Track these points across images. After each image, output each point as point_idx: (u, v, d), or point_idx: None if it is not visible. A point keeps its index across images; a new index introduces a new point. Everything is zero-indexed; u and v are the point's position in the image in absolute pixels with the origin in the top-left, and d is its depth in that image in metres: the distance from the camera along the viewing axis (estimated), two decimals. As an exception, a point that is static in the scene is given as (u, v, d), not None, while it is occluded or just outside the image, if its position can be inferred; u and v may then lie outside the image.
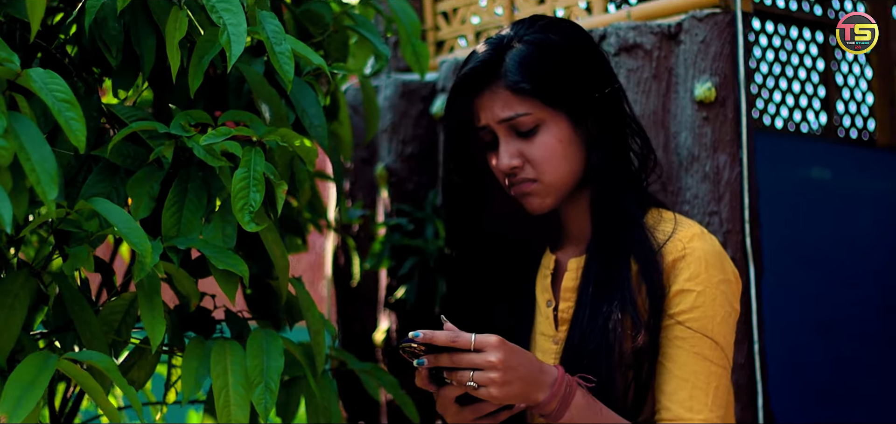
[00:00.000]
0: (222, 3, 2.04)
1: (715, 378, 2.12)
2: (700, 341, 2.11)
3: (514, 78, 2.16)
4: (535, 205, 2.20)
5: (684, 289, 2.12)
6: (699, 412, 2.10)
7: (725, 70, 2.60)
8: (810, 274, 4.80)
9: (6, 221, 1.73)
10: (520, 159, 2.18)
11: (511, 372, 2.01)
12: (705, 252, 2.14)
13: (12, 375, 1.86)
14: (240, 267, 2.09)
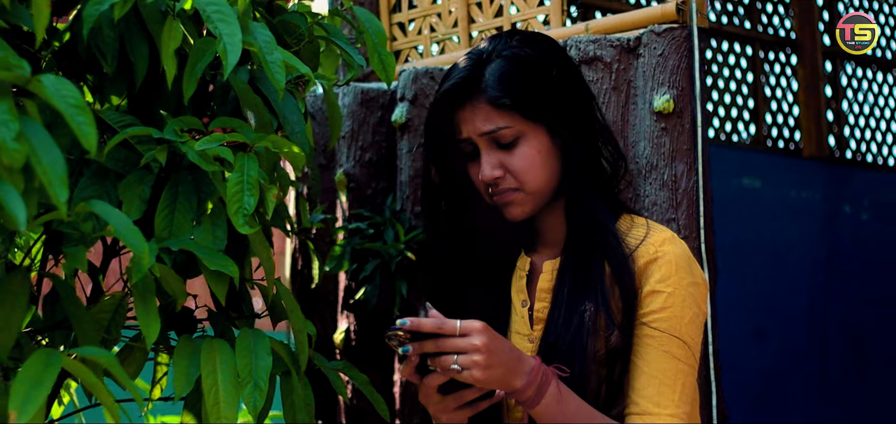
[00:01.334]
0: (218, 15, 2.12)
1: (682, 376, 2.22)
2: (669, 340, 2.22)
3: (495, 93, 2.27)
4: (517, 213, 2.31)
5: (655, 290, 2.24)
6: (666, 407, 2.21)
7: (682, 83, 2.72)
8: (741, 282, 4.96)
9: (21, 221, 1.79)
10: (501, 170, 2.28)
11: (493, 356, 2.11)
12: (676, 256, 2.26)
13: (19, 373, 1.90)
14: (230, 268, 2.16)
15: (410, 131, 3.19)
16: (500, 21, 3.20)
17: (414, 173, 3.17)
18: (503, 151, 2.28)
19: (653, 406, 2.21)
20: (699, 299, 2.28)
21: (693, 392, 2.26)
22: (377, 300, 3.13)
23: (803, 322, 5.55)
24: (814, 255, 5.64)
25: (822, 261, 5.67)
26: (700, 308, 2.28)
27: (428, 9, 3.37)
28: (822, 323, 5.60)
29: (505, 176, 2.29)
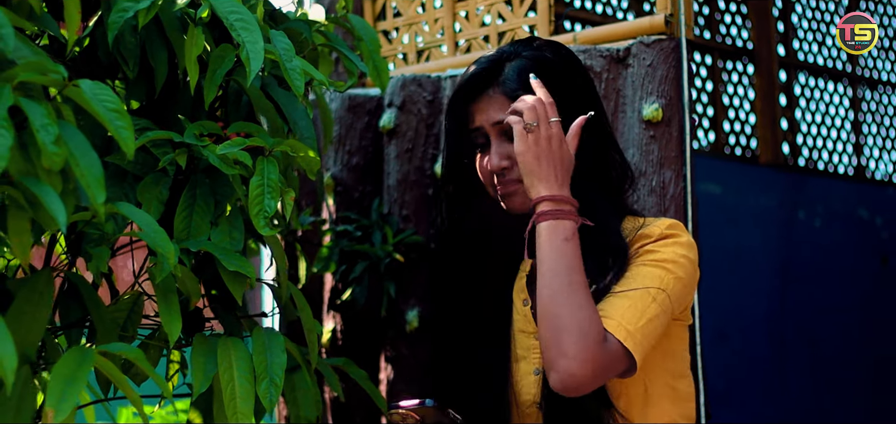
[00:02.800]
0: (241, 23, 2.20)
1: (651, 313, 2.25)
2: (651, 280, 2.28)
3: (512, 85, 2.37)
4: (517, 204, 2.39)
5: (650, 248, 2.31)
6: (628, 324, 2.23)
7: (671, 92, 2.83)
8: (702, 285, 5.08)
9: (61, 222, 1.85)
10: (508, 161, 2.37)
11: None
12: (684, 236, 2.34)
13: (54, 371, 1.95)
14: (248, 269, 2.24)
15: (398, 136, 3.27)
16: (487, 30, 3.29)
17: (401, 177, 3.25)
18: (512, 144, 2.37)
19: (618, 318, 2.24)
20: (690, 275, 2.34)
21: (657, 335, 2.29)
22: (365, 301, 3.21)
23: (762, 326, 5.69)
24: (771, 260, 5.78)
25: (778, 266, 5.81)
26: (688, 281, 2.34)
27: (413, 17, 3.45)
28: (780, 327, 5.74)
29: (512, 167, 2.38)
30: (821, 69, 6.28)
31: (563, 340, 2.19)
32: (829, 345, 5.93)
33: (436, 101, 3.25)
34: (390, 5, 3.54)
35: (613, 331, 2.22)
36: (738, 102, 5.91)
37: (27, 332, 2.06)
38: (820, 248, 5.97)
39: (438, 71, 3.30)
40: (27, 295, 2.09)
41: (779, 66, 5.99)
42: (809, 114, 6.23)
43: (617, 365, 2.23)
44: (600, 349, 2.19)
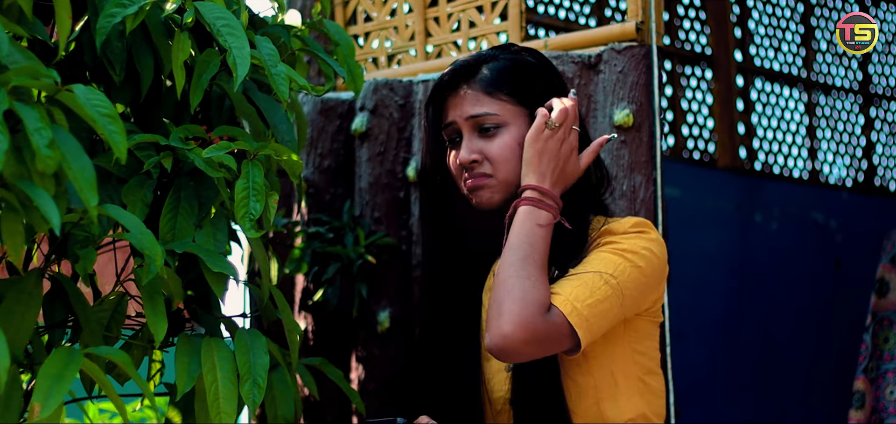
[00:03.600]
0: (227, 28, 2.24)
1: (602, 295, 2.29)
2: (606, 266, 2.32)
3: (489, 79, 2.44)
4: (485, 198, 2.44)
5: (617, 239, 2.36)
6: (575, 301, 2.27)
7: (641, 98, 2.89)
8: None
9: (55, 224, 1.88)
10: (479, 155, 2.43)
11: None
12: (651, 233, 2.39)
13: (42, 369, 1.99)
14: (231, 270, 2.28)
15: (370, 140, 3.31)
16: (458, 36, 3.34)
17: (373, 180, 3.29)
18: (484, 139, 2.43)
19: (567, 295, 2.28)
20: (655, 269, 2.38)
21: (607, 321, 2.32)
22: (337, 301, 3.25)
23: (719, 328, 5.77)
24: (728, 262, 5.86)
25: (736, 268, 5.89)
26: (650, 270, 2.37)
27: (384, 22, 3.49)
28: (737, 329, 5.82)
29: (482, 162, 2.43)
30: (777, 75, 6.38)
31: (504, 304, 2.25)
32: (786, 347, 6.02)
33: (407, 105, 3.29)
34: (361, 10, 3.58)
35: (559, 305, 2.26)
36: (696, 106, 6.00)
37: (16, 332, 2.09)
38: (776, 251, 6.06)
39: (409, 75, 3.35)
40: (16, 296, 2.13)
41: (736, 71, 6.08)
42: (766, 118, 6.32)
43: (560, 339, 2.27)
44: (540, 318, 2.23)
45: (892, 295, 4.97)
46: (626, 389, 2.42)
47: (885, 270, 5.00)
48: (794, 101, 6.51)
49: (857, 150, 6.75)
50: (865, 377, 4.92)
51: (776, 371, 5.98)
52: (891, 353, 4.92)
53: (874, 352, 4.94)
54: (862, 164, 6.76)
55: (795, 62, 6.51)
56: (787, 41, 6.45)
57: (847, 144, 6.73)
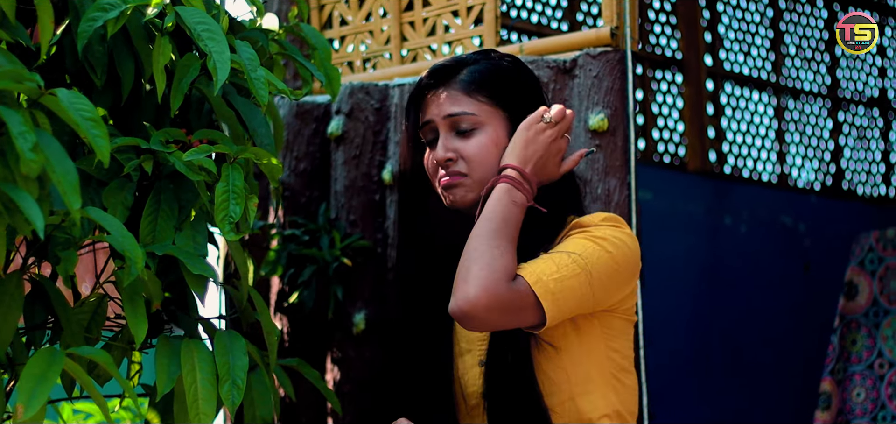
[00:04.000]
0: (207, 33, 2.26)
1: (569, 272, 2.31)
2: (576, 247, 2.34)
3: (468, 80, 2.47)
4: (459, 196, 2.46)
5: (589, 228, 2.39)
6: (541, 274, 2.29)
7: (616, 103, 2.93)
8: (634, 288, 5.20)
9: (39, 227, 1.89)
10: (455, 154, 2.45)
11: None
12: (623, 227, 2.41)
13: (25, 370, 2.00)
14: (210, 273, 2.30)
15: (346, 143, 3.34)
16: (434, 40, 3.37)
17: (349, 183, 3.32)
18: (460, 138, 2.46)
19: (532, 267, 2.31)
20: (624, 252, 2.39)
21: (575, 301, 2.33)
22: (313, 303, 3.27)
23: (688, 330, 5.82)
24: (698, 265, 5.91)
25: (705, 271, 5.94)
26: (621, 258, 2.38)
27: (360, 26, 3.52)
28: (706, 332, 5.87)
29: (457, 160, 2.46)
30: (746, 79, 6.44)
31: (471, 270, 2.28)
32: (753, 350, 6.07)
33: (383, 108, 3.32)
34: (336, 15, 3.60)
35: (525, 276, 2.28)
36: (667, 110, 6.06)
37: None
38: (745, 254, 6.12)
39: (385, 79, 3.37)
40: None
41: (706, 75, 6.14)
42: (735, 122, 6.39)
43: (524, 310, 2.28)
44: (504, 285, 2.26)
45: (860, 298, 5.02)
46: (600, 385, 2.45)
47: (853, 273, 5.06)
48: (764, 105, 6.58)
49: (826, 154, 6.83)
50: (832, 378, 4.97)
51: (744, 373, 6.04)
52: (858, 355, 4.98)
53: (841, 354, 5.00)
54: (830, 167, 6.83)
55: (765, 67, 6.57)
56: (756, 46, 6.51)
57: (815, 148, 6.80)
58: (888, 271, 4.98)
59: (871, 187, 7.02)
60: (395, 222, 3.22)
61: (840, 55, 6.91)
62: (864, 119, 7.07)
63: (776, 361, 6.16)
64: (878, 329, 4.93)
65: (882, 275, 4.98)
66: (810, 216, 6.54)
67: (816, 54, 6.82)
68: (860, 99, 7.01)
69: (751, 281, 6.06)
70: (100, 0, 2.26)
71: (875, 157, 7.08)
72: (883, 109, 7.13)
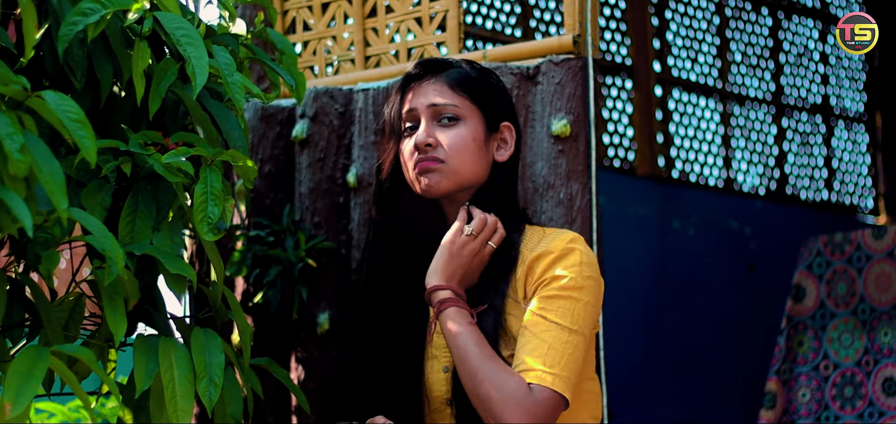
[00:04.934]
0: (186, 38, 2.32)
1: (571, 348, 2.43)
2: (563, 316, 2.45)
3: (454, 76, 2.59)
4: (434, 182, 2.56)
5: (560, 274, 2.48)
6: (553, 369, 2.40)
7: (578, 109, 3.01)
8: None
9: (28, 226, 1.94)
10: (434, 141, 2.56)
11: None
12: (584, 252, 2.52)
13: (11, 368, 2.04)
14: (188, 272, 2.35)
15: (310, 146, 3.39)
16: (397, 46, 3.43)
17: (313, 186, 3.37)
18: (441, 128, 2.58)
19: (541, 367, 2.41)
20: (596, 293, 2.54)
21: (580, 365, 2.47)
22: (278, 304, 3.33)
23: (638, 332, 5.90)
24: (648, 268, 6.00)
25: (654, 274, 6.04)
26: (595, 300, 2.53)
27: (323, 32, 3.58)
28: (656, 333, 5.97)
29: (436, 147, 2.56)
30: (693, 85, 6.55)
31: (494, 410, 2.38)
32: (701, 350, 6.18)
33: (347, 113, 3.38)
34: (300, 20, 3.66)
35: (539, 381, 2.38)
36: (617, 115, 6.15)
37: (-21, 331, 2.15)
38: (693, 257, 6.22)
39: (348, 84, 3.43)
40: (-20, 296, 2.18)
41: (655, 81, 6.24)
42: (683, 128, 6.50)
43: (553, 408, 2.40)
44: (528, 401, 2.37)
45: (807, 301, 5.14)
46: None
47: (801, 276, 5.17)
48: (710, 110, 6.70)
49: (770, 159, 6.95)
50: (778, 378, 5.08)
51: (693, 375, 6.14)
52: (804, 357, 5.09)
53: (788, 355, 5.11)
54: (774, 173, 6.96)
55: (711, 73, 6.69)
56: (703, 52, 6.63)
57: (760, 154, 6.92)
58: (835, 275, 5.09)
59: (814, 193, 7.15)
60: (360, 224, 3.28)
61: (784, 62, 7.04)
62: (807, 125, 7.20)
63: (723, 361, 6.27)
64: (825, 332, 5.05)
65: (829, 279, 5.10)
66: (755, 220, 6.66)
67: (761, 61, 6.95)
68: (803, 105, 7.15)
69: (699, 283, 6.17)
70: (80, 4, 2.31)
71: (817, 162, 7.22)
72: (825, 116, 7.26)
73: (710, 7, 6.69)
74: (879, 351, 4.91)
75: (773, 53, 6.98)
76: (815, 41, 7.22)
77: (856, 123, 7.46)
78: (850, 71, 7.42)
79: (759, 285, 6.46)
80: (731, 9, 6.76)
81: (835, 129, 7.32)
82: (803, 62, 7.15)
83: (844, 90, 7.40)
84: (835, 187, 7.26)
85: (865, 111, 7.50)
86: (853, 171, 7.40)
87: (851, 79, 7.44)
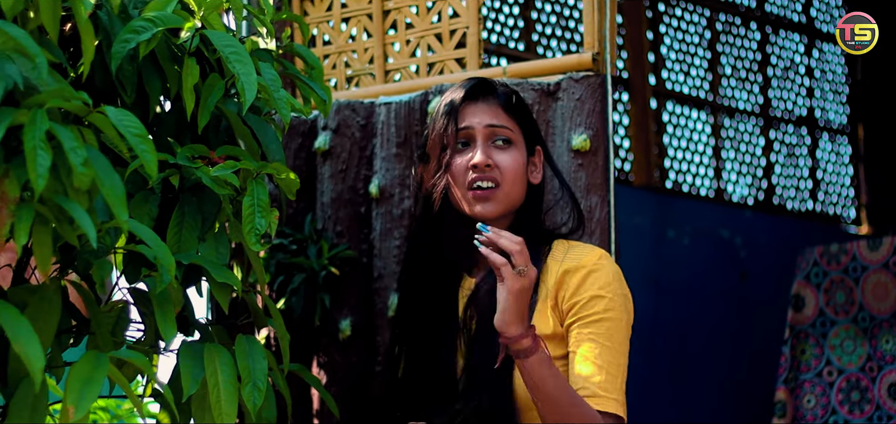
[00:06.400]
0: (235, 56, 2.41)
1: (622, 370, 2.62)
2: (611, 337, 2.61)
3: (505, 99, 2.70)
4: (488, 210, 2.67)
5: (598, 295, 2.61)
6: (612, 394, 2.58)
7: (597, 124, 3.11)
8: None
9: (92, 237, 2.03)
10: (492, 162, 2.66)
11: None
12: (613, 269, 2.65)
13: (72, 373, 2.12)
14: (234, 281, 2.44)
15: (332, 158, 3.48)
16: (417, 61, 3.53)
17: (335, 196, 3.46)
18: (496, 150, 2.68)
19: (603, 392, 2.57)
20: (629, 308, 2.70)
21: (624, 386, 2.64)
22: (302, 310, 3.42)
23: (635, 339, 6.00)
24: (644, 276, 6.11)
25: (650, 282, 6.15)
26: (629, 317, 2.69)
27: (343, 46, 3.67)
28: (651, 339, 6.07)
29: (493, 169, 2.66)
30: (686, 98, 6.68)
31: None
32: (696, 356, 6.28)
33: (368, 125, 3.47)
34: (320, 34, 3.75)
35: (613, 410, 2.57)
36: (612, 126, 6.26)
37: (40, 337, 2.22)
38: (687, 265, 6.33)
39: (368, 97, 3.52)
40: (38, 303, 2.25)
41: (650, 94, 6.36)
42: (676, 139, 6.62)
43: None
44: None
45: (807, 310, 5.26)
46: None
47: (800, 286, 5.29)
48: (702, 122, 6.82)
49: (758, 170, 7.07)
50: (786, 387, 5.21)
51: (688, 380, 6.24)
52: (807, 364, 5.21)
53: (793, 364, 5.23)
54: (762, 183, 7.08)
55: (703, 86, 6.81)
56: (695, 66, 6.75)
57: (749, 165, 7.05)
58: (833, 284, 5.22)
59: (800, 203, 7.28)
60: (382, 234, 3.37)
61: (771, 76, 7.17)
62: (794, 137, 7.33)
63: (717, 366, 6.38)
64: (826, 339, 5.17)
65: (827, 288, 5.22)
66: (745, 229, 6.78)
67: (750, 75, 7.07)
68: (790, 118, 7.28)
69: (692, 290, 6.28)
70: (132, 23, 2.39)
71: (803, 173, 7.35)
72: (810, 128, 7.39)
73: (701, 21, 6.82)
74: (882, 358, 5.03)
75: (761, 66, 7.11)
76: (800, 55, 7.36)
77: (839, 135, 7.59)
78: (833, 84, 7.56)
79: (750, 292, 6.57)
80: (721, 23, 6.89)
81: (819, 141, 7.45)
82: (789, 76, 7.28)
83: (828, 103, 7.53)
84: (819, 198, 7.39)
85: (848, 123, 7.63)
86: (837, 182, 7.54)
87: (835, 92, 7.58)
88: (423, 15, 3.53)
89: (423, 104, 3.35)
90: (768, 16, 7.11)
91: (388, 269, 3.37)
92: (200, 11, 2.45)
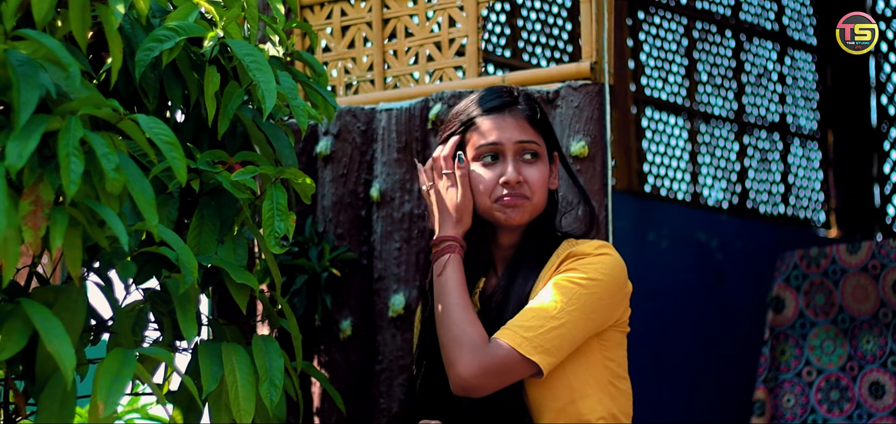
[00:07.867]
0: (255, 64, 2.48)
1: (556, 323, 2.65)
2: (563, 295, 2.67)
3: (529, 112, 2.79)
4: (516, 217, 2.77)
5: (581, 264, 2.72)
6: (526, 332, 2.64)
7: (595, 132, 3.20)
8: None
9: (123, 240, 2.10)
10: (523, 179, 2.75)
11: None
12: (613, 256, 2.77)
13: (101, 369, 2.19)
14: (252, 282, 2.52)
15: (333, 162, 3.56)
16: (416, 68, 3.61)
17: (336, 199, 3.54)
18: (525, 164, 2.78)
19: (516, 325, 2.65)
20: (612, 291, 2.77)
21: (567, 345, 2.66)
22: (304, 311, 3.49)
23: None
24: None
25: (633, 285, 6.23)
26: (609, 297, 2.76)
27: (343, 53, 3.74)
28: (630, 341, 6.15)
29: (523, 184, 2.75)
30: (664, 104, 6.79)
31: (450, 353, 2.66)
32: (673, 356, 6.39)
33: (369, 130, 3.55)
34: (319, 41, 3.82)
35: (508, 339, 2.62)
36: (601, 133, 6.38)
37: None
38: (665, 268, 6.43)
39: (369, 104, 3.60)
40: (64, 303, 2.32)
41: (631, 100, 6.47)
42: (654, 145, 6.73)
43: (509, 365, 2.62)
44: (484, 355, 2.62)
45: (787, 312, 5.38)
46: (597, 391, 2.74)
47: (780, 289, 5.41)
48: (679, 128, 6.93)
49: (732, 174, 7.19)
50: (765, 386, 5.32)
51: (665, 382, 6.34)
52: (787, 365, 5.33)
53: (772, 364, 5.34)
54: (736, 188, 7.20)
55: (680, 92, 6.93)
56: (672, 73, 6.86)
57: (724, 170, 7.16)
58: (813, 286, 5.33)
59: (772, 207, 7.40)
60: (382, 236, 3.45)
61: (745, 82, 7.29)
62: (766, 143, 7.45)
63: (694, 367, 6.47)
64: (806, 340, 5.29)
65: (807, 290, 5.33)
66: (721, 232, 6.89)
67: (725, 81, 7.19)
68: (763, 124, 7.39)
69: (670, 293, 6.37)
70: (155, 32, 2.47)
71: (775, 178, 7.47)
72: (782, 134, 7.52)
73: (679, 29, 6.93)
74: (863, 358, 5.15)
75: (735, 73, 7.23)
76: (773, 62, 7.48)
77: (810, 140, 7.71)
78: (804, 91, 7.68)
79: (726, 295, 6.68)
80: (698, 31, 7.00)
81: (791, 146, 7.57)
82: (763, 82, 7.40)
83: (799, 109, 7.65)
84: (791, 202, 7.51)
85: (819, 129, 7.76)
86: (807, 186, 7.66)
87: (806, 98, 7.69)
88: (422, 24, 3.61)
89: (424, 110, 3.43)
90: (742, 24, 7.23)
91: (389, 271, 3.44)
92: (222, 21, 2.53)
